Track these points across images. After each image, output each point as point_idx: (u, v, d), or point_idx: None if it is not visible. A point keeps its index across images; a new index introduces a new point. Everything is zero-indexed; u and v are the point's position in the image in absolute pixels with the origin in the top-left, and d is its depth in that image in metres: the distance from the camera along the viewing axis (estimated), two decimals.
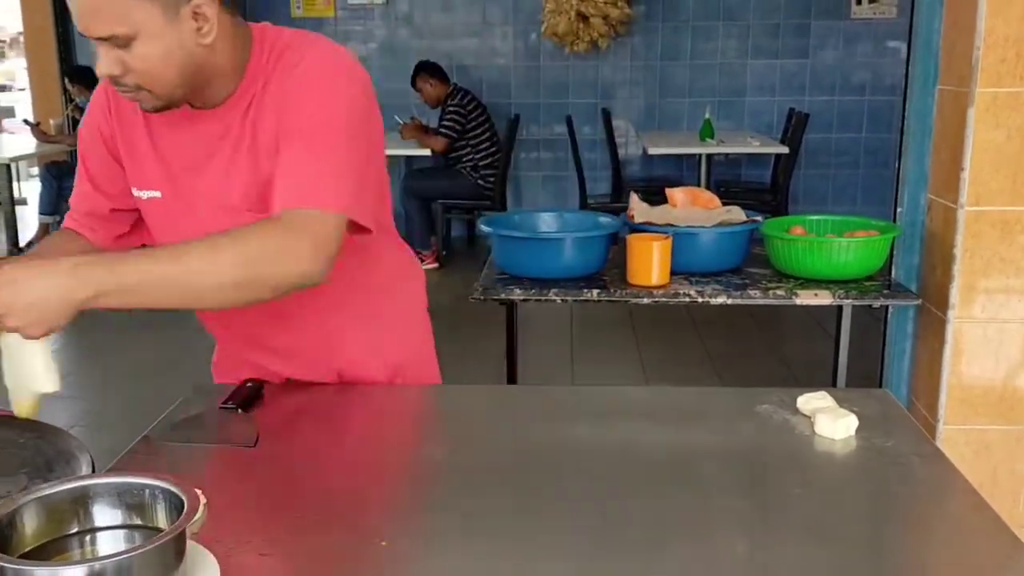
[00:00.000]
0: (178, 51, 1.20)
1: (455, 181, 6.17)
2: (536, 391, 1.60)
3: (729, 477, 1.17)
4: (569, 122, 6.29)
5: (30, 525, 0.86)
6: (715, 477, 1.16)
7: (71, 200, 1.47)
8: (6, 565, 0.78)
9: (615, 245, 2.46)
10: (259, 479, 1.18)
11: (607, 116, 6.46)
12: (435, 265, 6.11)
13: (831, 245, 2.28)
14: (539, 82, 6.98)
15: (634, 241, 2.28)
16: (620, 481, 1.16)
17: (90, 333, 4.95)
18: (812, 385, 1.40)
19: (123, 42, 1.17)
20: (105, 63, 1.19)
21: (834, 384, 2.57)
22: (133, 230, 1.46)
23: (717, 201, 2.53)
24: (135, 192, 1.39)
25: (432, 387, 1.57)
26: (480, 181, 6.11)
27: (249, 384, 1.42)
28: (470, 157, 6.11)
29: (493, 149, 6.16)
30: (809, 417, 1.32)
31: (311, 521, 1.05)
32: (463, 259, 6.44)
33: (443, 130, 6.05)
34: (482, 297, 2.30)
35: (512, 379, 2.59)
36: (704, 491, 1.13)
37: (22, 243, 6.20)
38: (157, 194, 1.37)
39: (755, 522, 1.05)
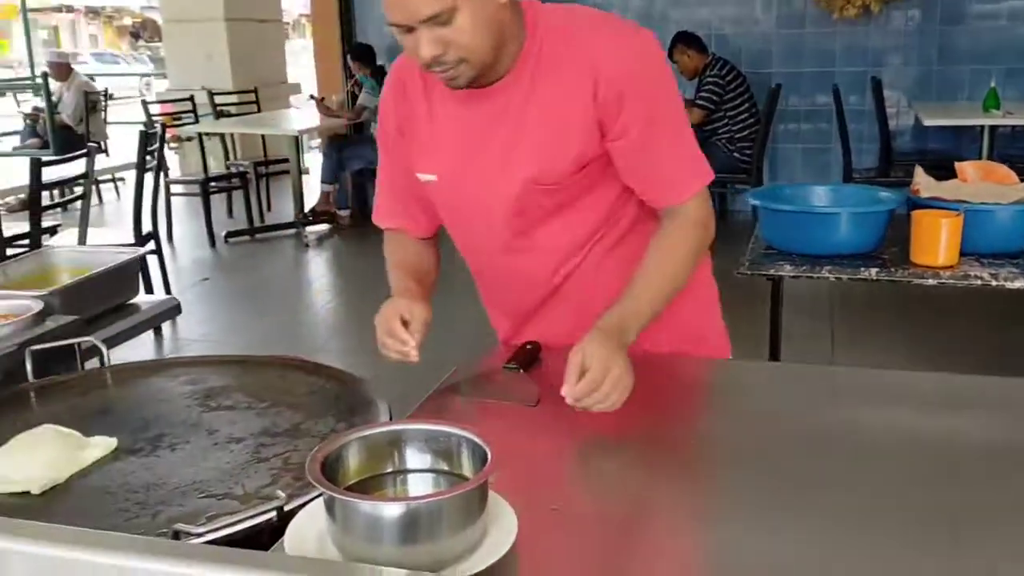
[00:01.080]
0: (488, 16, 1.26)
1: (709, 154, 5.94)
2: (803, 369, 1.54)
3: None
4: (836, 92, 5.96)
5: (353, 461, 0.95)
6: (1003, 473, 1.07)
7: (380, 201, 1.60)
8: (336, 496, 0.86)
9: (894, 222, 2.30)
10: (543, 437, 1.22)
11: (877, 85, 6.05)
12: None
13: None
14: (802, 50, 6.65)
15: (921, 217, 2.13)
16: (892, 470, 1.09)
17: (368, 298, 5.35)
18: None
19: (446, 18, 1.22)
20: (427, 46, 1.24)
21: None
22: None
23: (1015, 177, 2.30)
24: (417, 174, 1.47)
25: (690, 360, 1.54)
26: (736, 154, 5.94)
27: (528, 346, 1.47)
28: (727, 129, 5.95)
29: (751, 121, 5.95)
30: None
31: (596, 481, 1.08)
32: (716, 234, 6.30)
33: (700, 102, 5.92)
34: (749, 272, 2.24)
35: (775, 356, 2.51)
36: (979, 486, 1.03)
37: (306, 209, 6.79)
38: (433, 178, 1.45)
39: None
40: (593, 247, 1.46)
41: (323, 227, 6.90)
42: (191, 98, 7.33)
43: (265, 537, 1.01)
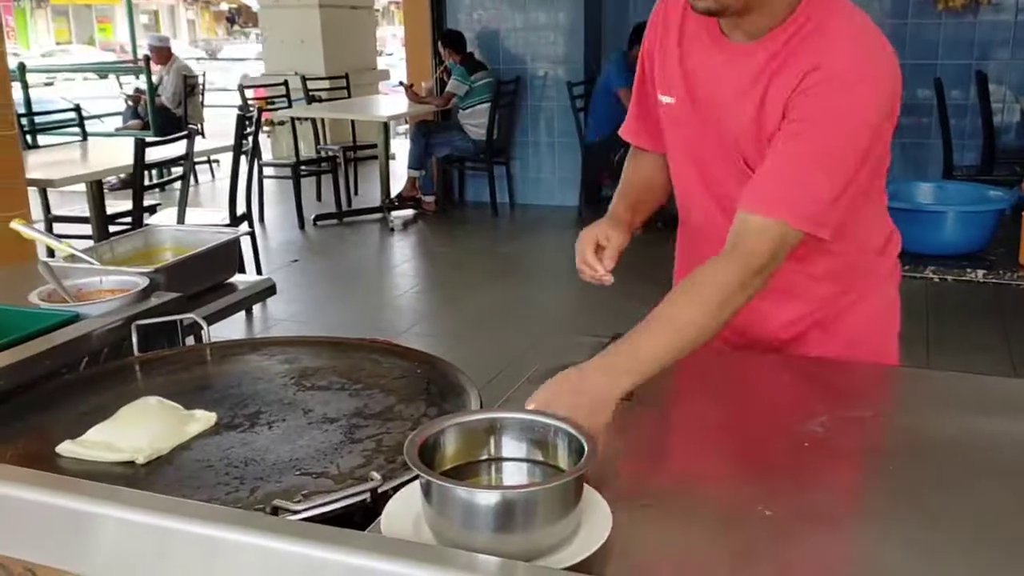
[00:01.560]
0: None
1: None
2: (900, 372, 1.48)
3: None
4: (938, 85, 5.74)
5: (450, 447, 0.95)
6: None
7: (628, 117, 1.63)
8: (433, 480, 0.87)
9: (1001, 221, 2.21)
10: (636, 433, 1.20)
11: (982, 79, 5.81)
12: None
13: None
14: (905, 41, 6.42)
15: None
16: (992, 477, 1.05)
17: (451, 284, 5.40)
18: None
19: None
20: None
21: None
22: None
23: None
24: (658, 95, 1.49)
25: (790, 358, 1.49)
26: None
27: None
28: None
29: None
30: None
31: (691, 479, 1.06)
32: None
33: None
34: None
35: None
36: None
37: (392, 194, 6.88)
38: (671, 100, 1.46)
39: None
40: None
41: (408, 212, 6.98)
42: (285, 83, 7.48)
43: (358, 517, 1.03)
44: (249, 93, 7.67)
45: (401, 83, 7.54)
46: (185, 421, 1.26)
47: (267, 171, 7.24)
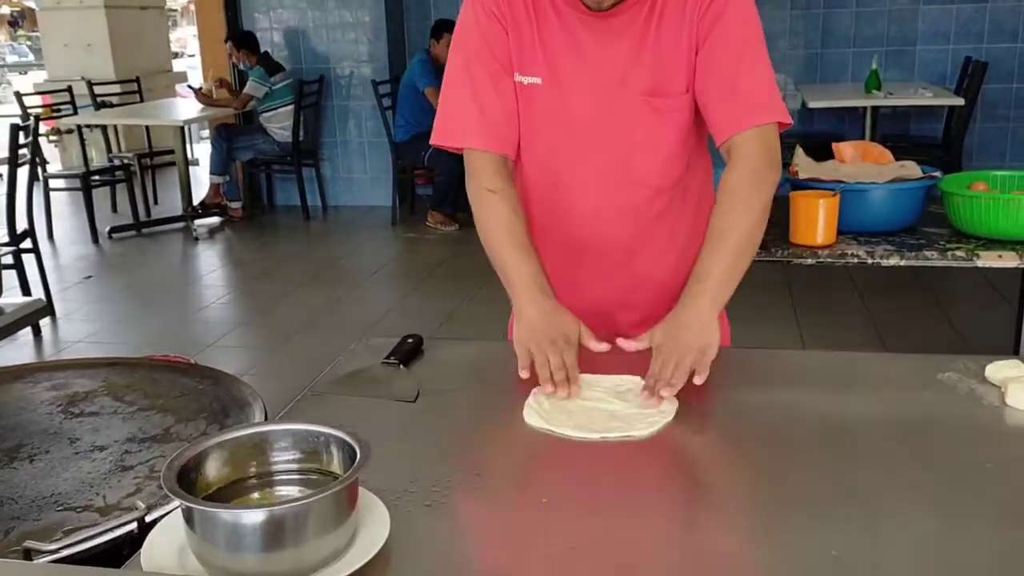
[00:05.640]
0: None
1: None
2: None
3: (910, 450, 1.09)
4: None
5: (213, 468, 0.90)
6: (894, 449, 1.09)
7: (453, 116, 1.46)
8: (193, 506, 0.82)
9: (774, 203, 2.35)
10: (420, 432, 1.19)
11: None
12: None
13: (1019, 203, 2.10)
14: None
15: (798, 198, 2.17)
16: (789, 452, 1.11)
17: (261, 292, 5.21)
18: (989, 354, 1.30)
19: None
20: None
21: (1016, 353, 2.38)
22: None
23: (889, 156, 2.38)
24: (518, 78, 1.44)
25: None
26: None
27: (409, 340, 1.44)
28: None
29: None
30: (999, 387, 1.22)
31: (473, 475, 1.06)
32: None
33: None
34: None
35: None
36: (883, 464, 1.06)
37: (195, 202, 6.58)
38: (538, 80, 1.43)
39: (942, 499, 0.98)
40: (666, 204, 1.50)
41: (213, 220, 6.69)
42: (69, 89, 6.99)
43: (125, 550, 0.96)
44: (36, 100, 7.12)
45: (190, 86, 7.22)
46: None
47: (55, 183, 6.75)
